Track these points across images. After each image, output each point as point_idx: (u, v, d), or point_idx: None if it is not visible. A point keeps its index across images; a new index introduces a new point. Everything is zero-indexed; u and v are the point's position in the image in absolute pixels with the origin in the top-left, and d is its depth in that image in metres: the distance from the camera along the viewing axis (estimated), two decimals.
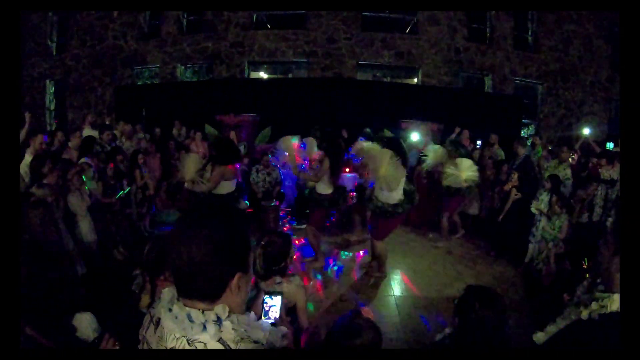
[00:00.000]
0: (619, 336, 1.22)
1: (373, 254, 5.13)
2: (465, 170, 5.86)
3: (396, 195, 4.58)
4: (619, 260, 1.32)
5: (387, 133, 5.62)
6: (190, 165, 4.77)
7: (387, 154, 4.46)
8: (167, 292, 1.08)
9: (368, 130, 6.97)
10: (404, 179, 4.57)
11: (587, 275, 1.61)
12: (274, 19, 12.84)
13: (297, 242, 6.37)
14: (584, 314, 1.38)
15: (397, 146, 4.64)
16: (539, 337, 1.54)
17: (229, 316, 0.99)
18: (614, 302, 1.30)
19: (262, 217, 6.62)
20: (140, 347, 1.12)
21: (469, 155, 6.34)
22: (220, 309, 0.99)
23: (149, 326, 1.10)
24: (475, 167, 6.03)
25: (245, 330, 1.01)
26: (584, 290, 1.55)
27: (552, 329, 1.53)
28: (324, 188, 5.09)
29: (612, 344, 1.24)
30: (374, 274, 5.09)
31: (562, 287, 4.02)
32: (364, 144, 5.10)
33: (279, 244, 2.28)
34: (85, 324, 2.15)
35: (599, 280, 1.46)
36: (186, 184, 4.81)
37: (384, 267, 5.07)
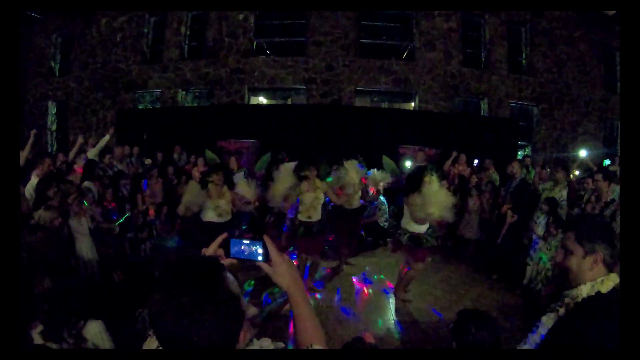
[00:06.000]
0: (597, 320, 1.31)
1: (404, 275, 5.06)
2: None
3: (424, 226, 4.65)
4: (589, 259, 1.50)
5: (386, 160, 5.62)
6: (188, 193, 4.81)
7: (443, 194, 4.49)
8: None
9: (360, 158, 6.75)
10: None
11: None
12: (273, 46, 13.13)
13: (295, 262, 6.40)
14: (561, 311, 1.47)
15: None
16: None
17: None
18: (581, 291, 1.40)
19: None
20: None
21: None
22: None
23: None
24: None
25: None
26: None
27: (535, 338, 1.62)
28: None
29: (592, 330, 1.32)
30: (401, 296, 5.10)
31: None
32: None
33: None
34: (95, 331, 2.14)
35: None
36: (178, 210, 4.84)
37: (408, 288, 5.11)
